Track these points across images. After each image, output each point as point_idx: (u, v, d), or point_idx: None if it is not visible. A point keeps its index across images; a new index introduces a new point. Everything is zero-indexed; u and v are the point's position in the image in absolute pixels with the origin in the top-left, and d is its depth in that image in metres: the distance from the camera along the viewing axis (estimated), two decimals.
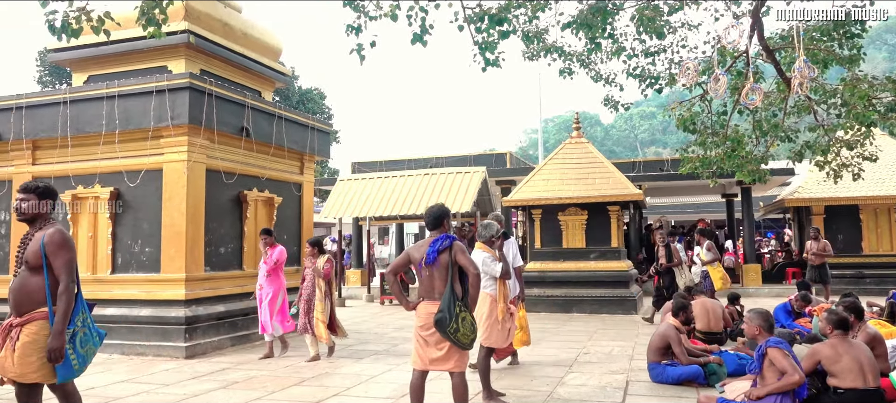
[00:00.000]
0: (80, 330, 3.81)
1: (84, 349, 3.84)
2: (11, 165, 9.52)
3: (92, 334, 3.91)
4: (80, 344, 3.80)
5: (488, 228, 5.96)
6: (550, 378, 6.74)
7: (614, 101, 11.81)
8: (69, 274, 3.76)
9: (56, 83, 26.44)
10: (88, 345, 3.87)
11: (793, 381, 4.65)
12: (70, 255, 3.81)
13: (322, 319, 7.92)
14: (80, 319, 3.83)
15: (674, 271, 11.11)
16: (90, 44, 9.59)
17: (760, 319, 5.12)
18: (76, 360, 3.78)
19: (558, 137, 66.38)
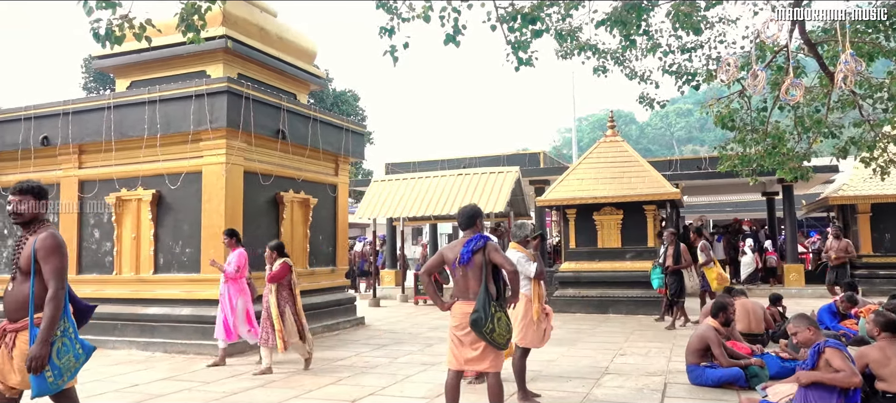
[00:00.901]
0: (60, 340, 3.50)
1: (62, 361, 3.51)
2: (59, 169, 9.85)
3: (73, 345, 3.56)
4: (57, 356, 3.48)
5: (523, 228, 5.94)
6: (586, 379, 6.68)
7: (650, 99, 11.64)
8: (59, 279, 3.50)
9: (100, 89, 27.26)
10: (68, 357, 3.53)
11: (852, 382, 4.40)
12: (61, 261, 3.55)
13: (279, 329, 7.20)
14: (61, 328, 3.52)
15: (682, 273, 10.62)
16: (132, 50, 9.86)
17: (808, 321, 5.01)
18: (51, 373, 3.46)
19: (592, 136, 65.68)
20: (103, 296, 9.33)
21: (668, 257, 10.82)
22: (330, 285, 11.06)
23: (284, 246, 7.74)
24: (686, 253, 10.67)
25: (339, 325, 10.83)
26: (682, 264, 10.61)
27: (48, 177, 9.93)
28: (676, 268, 10.62)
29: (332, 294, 11.07)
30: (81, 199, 9.74)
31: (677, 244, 10.75)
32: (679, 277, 10.62)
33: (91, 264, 9.64)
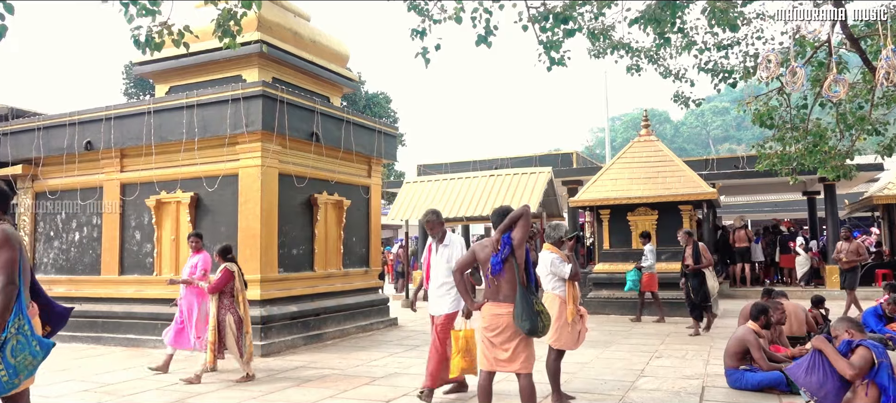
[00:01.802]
0: (14, 337, 3.33)
1: (17, 359, 3.34)
2: (102, 173, 10.14)
3: (29, 343, 3.38)
4: (11, 354, 3.32)
5: (557, 229, 5.90)
6: (622, 382, 6.60)
7: (685, 97, 11.44)
8: (9, 273, 3.34)
9: (140, 94, 27.97)
10: (23, 356, 3.36)
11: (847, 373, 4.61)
12: (10, 254, 3.39)
13: (212, 341, 6.89)
14: (16, 325, 3.36)
15: (703, 274, 10.13)
16: (171, 56, 10.11)
17: (851, 324, 4.91)
18: (6, 372, 3.32)
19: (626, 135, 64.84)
20: (144, 297, 9.58)
21: (686, 258, 10.33)
22: (363, 286, 11.15)
23: (231, 249, 7.29)
24: (706, 253, 10.26)
25: (373, 326, 10.91)
26: (703, 263, 10.17)
27: (92, 181, 10.23)
28: (697, 268, 10.14)
29: (366, 295, 11.16)
30: (123, 202, 10.01)
31: (695, 244, 10.33)
32: (701, 278, 10.13)
33: (132, 265, 9.89)
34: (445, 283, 5.82)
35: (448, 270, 5.70)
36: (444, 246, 5.94)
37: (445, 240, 5.96)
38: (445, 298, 5.84)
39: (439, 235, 5.98)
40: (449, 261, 5.78)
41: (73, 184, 10.41)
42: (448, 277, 5.76)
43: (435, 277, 5.93)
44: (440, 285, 5.87)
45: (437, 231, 5.96)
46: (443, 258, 5.88)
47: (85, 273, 10.28)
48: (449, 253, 5.89)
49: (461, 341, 5.51)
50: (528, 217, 4.54)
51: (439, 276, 5.89)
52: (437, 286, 5.90)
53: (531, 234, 10.42)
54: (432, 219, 5.95)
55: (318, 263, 10.07)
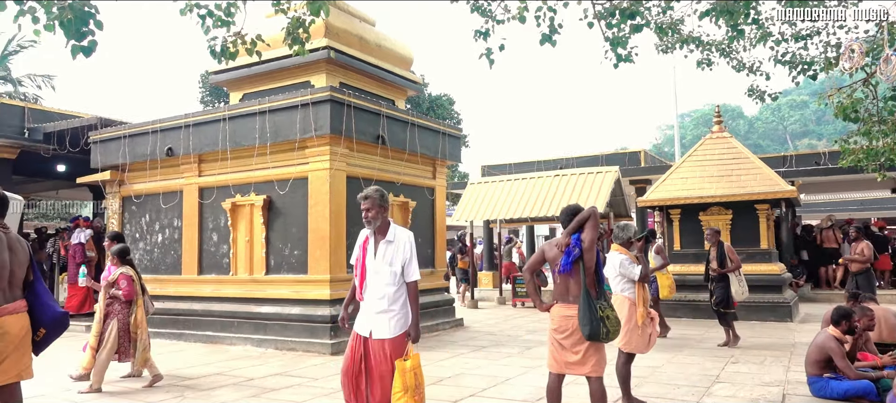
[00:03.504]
0: None
1: None
2: (182, 177, 10.65)
3: None
4: None
5: (626, 229, 5.77)
6: (696, 387, 6.39)
7: (760, 92, 10.99)
8: None
9: (215, 102, 29.22)
10: None
11: None
12: None
13: (93, 344, 6.58)
14: None
15: (728, 278, 9.10)
16: (243, 65, 10.52)
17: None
18: None
19: (696, 132, 62.68)
20: (221, 295, 9.99)
21: (711, 261, 9.32)
22: (429, 286, 11.24)
23: (128, 251, 7.08)
24: (732, 254, 9.23)
25: (439, 326, 10.99)
26: (730, 267, 9.11)
27: (172, 185, 10.76)
28: (721, 272, 9.12)
29: (432, 295, 11.25)
30: (201, 205, 10.48)
31: (721, 245, 9.36)
32: (725, 283, 9.10)
33: (210, 265, 10.34)
34: (387, 296, 4.15)
35: (392, 276, 4.17)
36: (387, 243, 4.22)
37: (389, 235, 4.23)
38: (385, 317, 4.16)
39: (379, 225, 4.23)
40: (392, 265, 4.18)
41: (156, 188, 10.98)
42: (392, 286, 4.17)
43: (373, 286, 4.20)
44: (380, 297, 4.16)
45: (376, 217, 4.21)
46: (384, 259, 4.20)
47: (167, 272, 10.82)
48: (392, 253, 4.20)
49: (408, 375, 4.00)
50: (597, 218, 4.46)
51: (379, 285, 4.18)
52: (375, 298, 4.18)
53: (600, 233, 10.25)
54: (372, 196, 4.21)
55: None
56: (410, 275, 4.25)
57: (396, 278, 4.22)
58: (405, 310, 4.25)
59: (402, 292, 4.25)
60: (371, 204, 4.23)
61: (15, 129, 12.84)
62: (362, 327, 4.24)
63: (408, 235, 4.32)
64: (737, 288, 9.06)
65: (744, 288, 9.17)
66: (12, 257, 3.79)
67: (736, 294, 9.05)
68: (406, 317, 4.25)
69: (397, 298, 4.22)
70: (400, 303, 4.23)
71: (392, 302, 4.20)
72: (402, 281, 4.24)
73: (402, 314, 4.23)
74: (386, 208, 4.28)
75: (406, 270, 4.24)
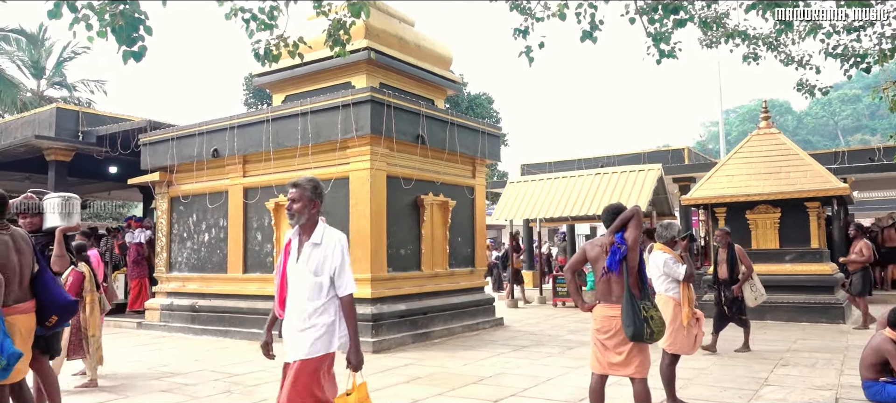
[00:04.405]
0: None
1: None
2: (227, 178, 10.90)
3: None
4: None
5: (670, 228, 5.67)
6: (743, 390, 6.23)
7: (810, 86, 10.65)
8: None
9: (258, 104, 29.81)
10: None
11: None
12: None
13: None
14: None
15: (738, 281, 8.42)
16: (286, 67, 10.71)
17: None
18: None
19: (742, 129, 61.05)
20: (265, 294, 10.18)
21: (720, 263, 8.62)
22: (469, 285, 11.25)
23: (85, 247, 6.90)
24: (744, 257, 8.51)
25: (479, 325, 10.98)
26: (743, 273, 8.40)
27: (218, 186, 11.03)
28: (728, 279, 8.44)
29: (472, 294, 11.25)
30: (245, 205, 10.71)
31: (731, 247, 8.58)
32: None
33: (255, 264, 10.56)
34: (308, 312, 3.39)
35: (317, 288, 3.39)
36: (313, 246, 3.45)
37: (315, 236, 3.47)
38: (304, 335, 3.38)
39: (304, 223, 3.49)
40: (318, 274, 3.40)
41: (202, 189, 11.27)
42: (316, 300, 3.39)
43: (292, 299, 3.45)
44: (300, 314, 3.41)
45: (302, 211, 3.48)
46: (308, 266, 3.42)
47: (213, 271, 11.09)
48: (319, 259, 3.42)
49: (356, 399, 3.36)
50: (641, 217, 4.40)
51: (299, 298, 3.42)
52: (294, 314, 3.44)
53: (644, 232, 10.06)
54: (302, 185, 3.51)
55: (425, 263, 10.28)
56: (343, 288, 3.42)
57: (323, 291, 3.39)
58: (332, 329, 3.39)
59: (331, 308, 3.41)
60: (298, 195, 3.49)
61: (70, 133, 13.35)
62: (287, 352, 3.44)
63: (339, 237, 3.49)
64: (750, 294, 8.44)
65: (757, 293, 8.55)
66: (20, 258, 3.98)
67: (749, 300, 8.45)
68: (330, 336, 3.39)
69: (322, 313, 3.38)
70: (325, 320, 3.38)
71: (315, 317, 3.38)
72: (331, 294, 3.41)
73: (326, 332, 3.37)
74: (317, 203, 3.53)
75: (337, 280, 3.41)
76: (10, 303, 3.87)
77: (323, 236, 3.46)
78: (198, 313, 10.92)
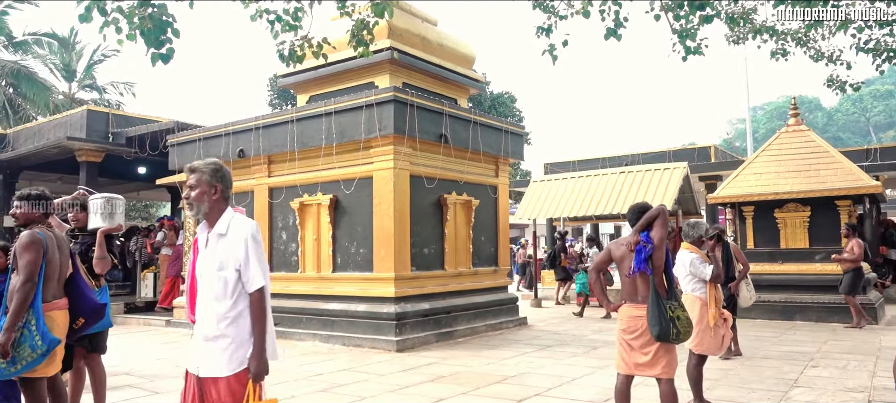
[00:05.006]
0: (18, 330, 3.75)
1: (16, 350, 3.73)
2: (253, 178, 11.04)
3: (32, 337, 3.76)
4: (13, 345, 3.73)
5: (696, 227, 5.60)
6: (772, 392, 6.13)
7: (840, 82, 10.44)
8: (28, 273, 3.78)
9: (283, 105, 30.13)
10: (23, 347, 3.74)
11: None
12: (33, 255, 3.81)
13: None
14: (23, 321, 3.77)
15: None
16: (310, 68, 10.80)
17: None
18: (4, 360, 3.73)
19: (769, 126, 60.00)
20: (290, 292, 10.29)
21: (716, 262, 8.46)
22: (492, 285, 11.23)
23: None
24: (740, 255, 8.11)
25: (502, 325, 10.96)
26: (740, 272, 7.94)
27: (244, 186, 11.16)
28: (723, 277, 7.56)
29: (495, 293, 11.23)
30: (271, 205, 10.83)
31: (726, 246, 7.96)
32: None
33: (280, 263, 10.67)
34: (217, 315, 2.94)
35: (223, 285, 2.93)
36: (218, 237, 3.00)
37: (220, 226, 3.00)
38: (216, 346, 2.94)
39: (207, 212, 3.04)
40: (223, 268, 2.94)
41: None
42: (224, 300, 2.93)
43: (204, 297, 3.01)
44: (208, 317, 2.97)
45: (201, 199, 3.03)
46: (213, 261, 2.98)
47: None
48: (224, 253, 2.96)
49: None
50: (666, 216, 4.35)
51: (206, 299, 2.99)
52: (202, 318, 3.00)
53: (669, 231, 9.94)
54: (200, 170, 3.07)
55: (449, 262, 10.29)
56: (251, 282, 2.93)
57: (230, 288, 2.93)
58: (248, 336, 2.94)
59: (243, 308, 2.95)
60: (195, 181, 3.04)
61: (101, 134, 13.63)
62: (191, 360, 3.03)
63: (248, 227, 2.98)
64: (745, 294, 8.00)
65: (752, 294, 8.12)
66: (61, 257, 4.13)
67: (745, 300, 8.01)
68: (244, 347, 2.93)
69: (235, 318, 2.93)
70: (239, 326, 2.94)
71: (226, 323, 2.92)
72: (241, 291, 2.96)
73: (243, 342, 2.93)
74: (218, 188, 3.04)
75: (243, 274, 2.93)
76: (49, 299, 4.03)
77: (229, 225, 3.00)
78: None
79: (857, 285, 10.57)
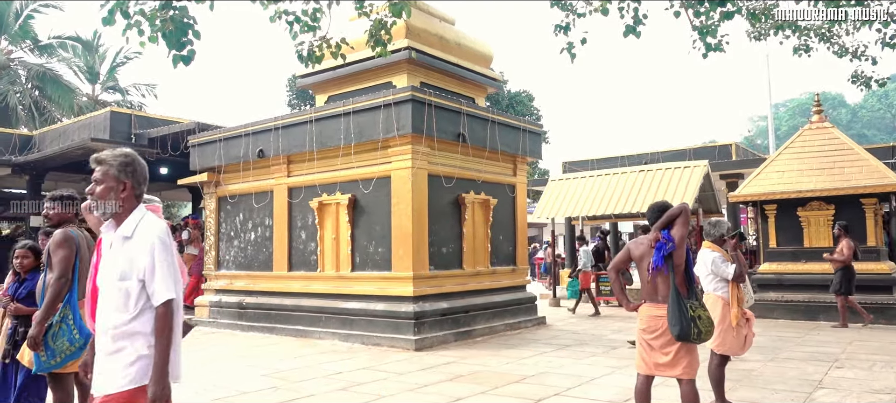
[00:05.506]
0: (57, 325, 3.82)
1: (56, 344, 3.80)
2: (272, 178, 11.13)
3: (70, 331, 3.83)
4: (51, 338, 3.79)
5: (718, 226, 5.54)
6: (795, 393, 6.04)
7: (865, 77, 10.27)
8: (61, 269, 3.86)
9: (302, 105, 30.33)
10: (62, 341, 3.81)
11: None
12: (67, 252, 3.89)
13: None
14: (61, 315, 3.84)
15: None
16: (328, 68, 10.86)
17: None
18: (45, 354, 3.80)
19: (792, 124, 59.10)
20: (310, 291, 10.36)
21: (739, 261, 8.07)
22: (510, 284, 11.21)
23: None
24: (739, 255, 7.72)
25: (521, 324, 10.93)
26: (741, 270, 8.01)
27: (263, 186, 11.26)
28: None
29: (513, 293, 11.20)
30: (290, 204, 10.91)
31: None
32: None
33: (299, 262, 10.75)
34: (115, 328, 2.58)
35: (123, 296, 2.58)
36: (123, 240, 2.64)
37: (126, 227, 2.65)
38: (113, 361, 2.59)
39: (114, 210, 2.68)
40: (124, 278, 2.58)
41: (249, 188, 11.52)
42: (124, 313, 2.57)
43: (102, 307, 2.65)
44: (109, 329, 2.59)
45: (106, 195, 2.67)
46: (114, 268, 2.62)
47: (260, 269, 11.34)
48: (127, 258, 2.61)
49: None
50: (688, 214, 4.31)
51: (108, 306, 2.62)
52: (105, 327, 2.61)
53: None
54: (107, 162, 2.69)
55: (467, 261, 10.29)
56: (156, 295, 2.56)
57: (131, 300, 2.58)
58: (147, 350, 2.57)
59: (147, 321, 2.58)
60: (102, 174, 2.68)
61: (124, 135, 13.84)
62: (94, 380, 2.66)
63: (156, 230, 2.62)
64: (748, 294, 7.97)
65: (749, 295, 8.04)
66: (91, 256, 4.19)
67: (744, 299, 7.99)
68: (143, 362, 2.56)
69: (136, 333, 2.57)
70: (139, 340, 2.58)
71: (124, 337, 2.57)
72: (145, 303, 2.59)
73: (142, 357, 2.57)
74: (127, 184, 2.68)
75: (148, 285, 2.57)
76: (81, 297, 4.12)
77: (136, 228, 2.62)
78: (245, 310, 11.18)
79: (842, 285, 10.45)
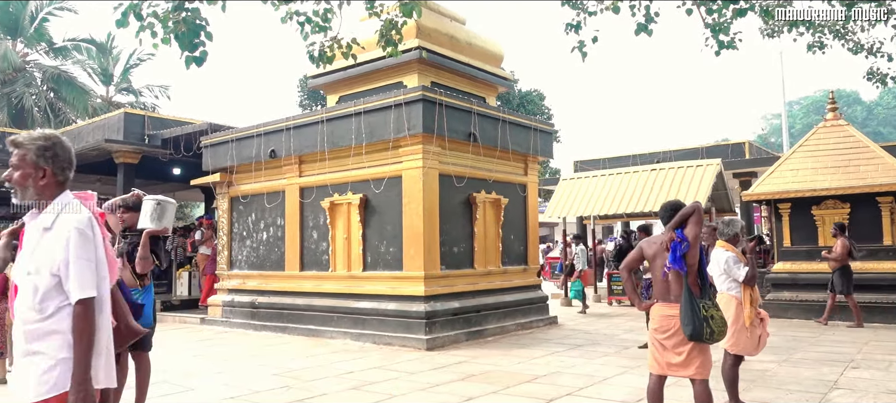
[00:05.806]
0: None
1: None
2: (284, 178, 11.18)
3: None
4: None
5: (732, 225, 5.49)
6: (810, 393, 5.98)
7: (881, 74, 10.19)
8: None
9: (313, 105, 30.44)
10: None
11: None
12: None
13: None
14: None
15: None
16: (339, 68, 10.90)
17: None
18: None
19: (806, 121, 58.52)
20: (321, 291, 10.40)
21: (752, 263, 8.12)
22: (522, 283, 11.19)
23: None
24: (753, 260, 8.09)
25: (532, 324, 10.91)
26: None
27: (275, 186, 11.31)
28: None
29: (524, 292, 11.18)
30: (301, 204, 10.96)
31: None
32: None
33: (311, 262, 10.79)
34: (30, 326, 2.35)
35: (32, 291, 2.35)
36: (43, 232, 2.41)
37: (46, 218, 2.43)
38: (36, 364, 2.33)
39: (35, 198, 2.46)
40: (37, 271, 2.35)
41: (261, 189, 11.58)
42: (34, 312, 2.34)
43: (18, 304, 2.39)
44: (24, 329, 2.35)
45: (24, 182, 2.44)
46: (29, 259, 2.40)
47: (271, 269, 11.39)
48: (44, 250, 2.37)
49: None
50: (701, 213, 4.28)
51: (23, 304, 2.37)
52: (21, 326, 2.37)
53: None
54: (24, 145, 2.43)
55: (478, 261, 10.28)
56: (73, 292, 2.31)
57: (40, 295, 2.33)
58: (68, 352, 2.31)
59: (63, 319, 2.33)
60: (18, 159, 2.42)
61: (137, 136, 13.95)
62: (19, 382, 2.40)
63: (75, 221, 2.37)
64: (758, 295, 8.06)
65: None
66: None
67: None
68: (63, 367, 2.30)
69: (51, 332, 2.32)
70: (55, 342, 2.32)
71: (38, 338, 2.32)
72: (62, 301, 2.34)
73: (61, 361, 2.31)
74: (47, 171, 2.42)
75: (64, 280, 2.33)
76: None
77: (56, 218, 2.39)
78: (257, 309, 11.24)
79: (845, 284, 10.41)
